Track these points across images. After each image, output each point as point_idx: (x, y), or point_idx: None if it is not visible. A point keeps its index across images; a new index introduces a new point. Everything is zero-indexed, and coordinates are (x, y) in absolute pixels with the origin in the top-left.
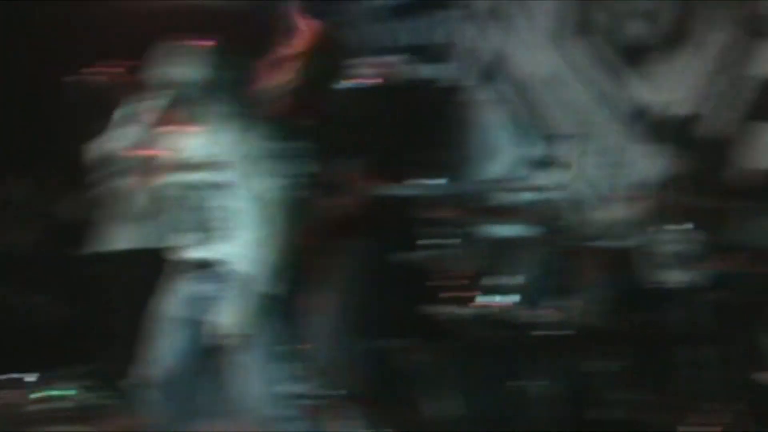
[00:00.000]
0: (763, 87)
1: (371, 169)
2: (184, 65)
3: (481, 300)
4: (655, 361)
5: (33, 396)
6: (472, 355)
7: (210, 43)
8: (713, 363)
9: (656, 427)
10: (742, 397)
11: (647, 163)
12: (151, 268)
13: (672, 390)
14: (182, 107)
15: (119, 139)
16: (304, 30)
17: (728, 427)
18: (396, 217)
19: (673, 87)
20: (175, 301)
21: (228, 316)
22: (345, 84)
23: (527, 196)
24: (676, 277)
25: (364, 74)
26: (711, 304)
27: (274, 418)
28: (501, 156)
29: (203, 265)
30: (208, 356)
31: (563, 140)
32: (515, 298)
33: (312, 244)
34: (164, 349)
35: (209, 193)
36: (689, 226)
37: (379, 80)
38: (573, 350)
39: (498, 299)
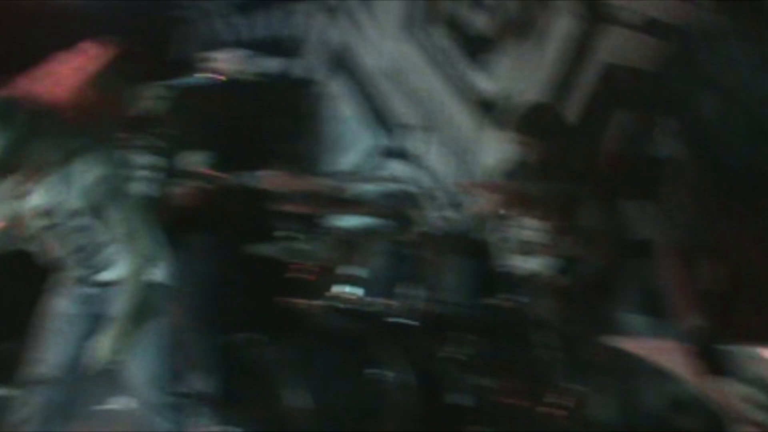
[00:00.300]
0: (608, 73)
1: (220, 162)
2: None
3: (333, 291)
4: (507, 347)
5: None
6: (325, 347)
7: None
8: (562, 346)
9: (511, 411)
10: (587, 378)
11: (496, 152)
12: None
13: (524, 374)
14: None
15: None
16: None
17: (578, 406)
18: (247, 210)
19: (520, 76)
20: (59, 308)
21: (107, 339)
22: (191, 79)
23: (377, 187)
24: (525, 264)
25: (211, 69)
26: (559, 290)
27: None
28: (350, 148)
29: (85, 283)
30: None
31: (411, 131)
32: (366, 288)
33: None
34: (50, 352)
35: (73, 232)
36: (538, 213)
37: (227, 74)
38: (425, 338)
39: (349, 290)
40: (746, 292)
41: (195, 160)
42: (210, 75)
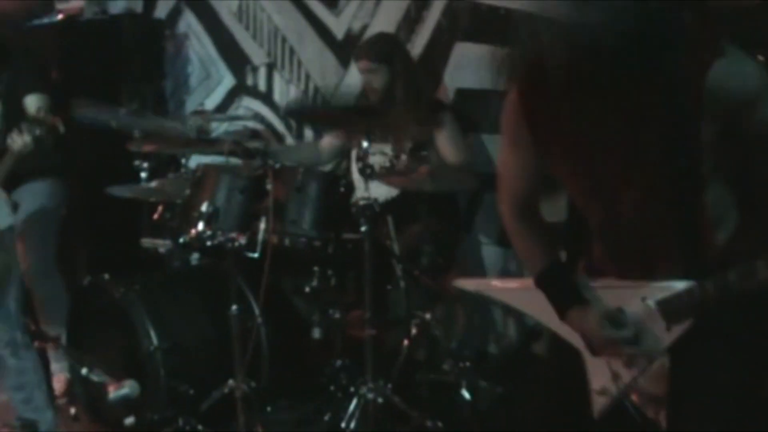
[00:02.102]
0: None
1: (68, 105)
2: None
3: (184, 229)
4: (355, 279)
5: None
6: (178, 285)
7: None
8: (409, 276)
9: (360, 341)
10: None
11: (346, 87)
12: None
13: (373, 305)
14: None
15: None
16: None
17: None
18: (97, 152)
19: (369, 13)
20: None
21: None
22: (33, 21)
23: (228, 126)
24: (374, 194)
25: (53, 10)
26: (409, 219)
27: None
28: (203, 88)
29: None
30: None
31: (259, 69)
32: (216, 224)
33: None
34: None
35: None
36: (386, 141)
37: (79, 14)
38: (275, 272)
39: (200, 227)
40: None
41: (37, 103)
42: (60, 15)
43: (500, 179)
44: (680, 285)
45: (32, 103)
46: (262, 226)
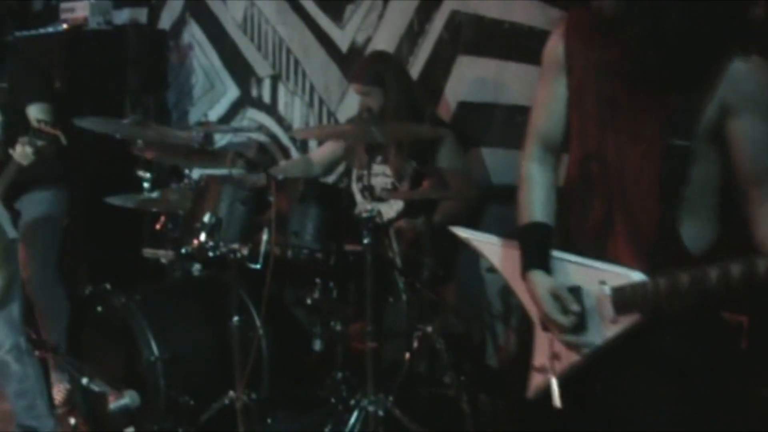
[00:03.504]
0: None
1: (71, 114)
2: None
3: (187, 240)
4: (357, 291)
5: None
6: (180, 296)
7: None
8: (411, 289)
9: (361, 354)
10: (433, 320)
11: (349, 102)
12: None
13: (374, 318)
14: None
15: None
16: None
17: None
18: (100, 161)
19: (372, 26)
20: None
21: None
22: (42, 29)
23: (233, 137)
24: (375, 209)
25: (55, 19)
26: (409, 234)
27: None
28: (207, 99)
29: None
30: None
31: (263, 81)
32: (219, 236)
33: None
34: None
35: None
36: (387, 158)
37: (75, 25)
38: (277, 284)
39: (203, 238)
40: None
41: (40, 113)
42: (64, 25)
43: (530, 118)
44: (638, 276)
45: (35, 112)
46: (265, 237)
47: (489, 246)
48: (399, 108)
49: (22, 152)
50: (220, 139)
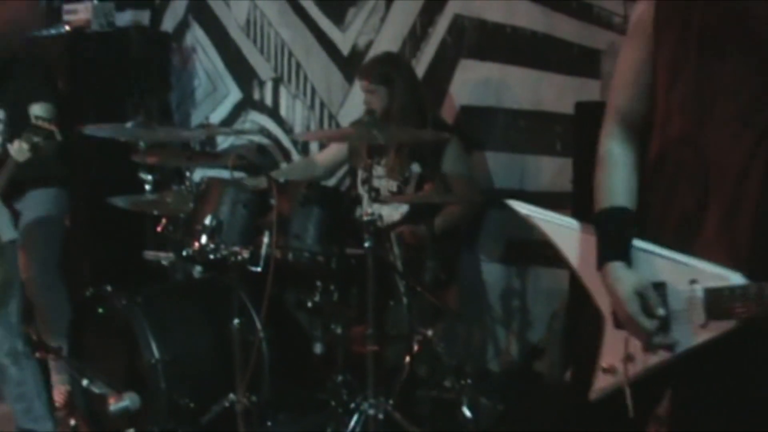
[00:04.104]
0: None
1: (74, 115)
2: None
3: (188, 242)
4: (358, 294)
5: None
6: (181, 298)
7: None
8: (412, 293)
9: (362, 357)
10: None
11: (352, 104)
12: None
13: (375, 321)
14: None
15: None
16: None
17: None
18: (102, 162)
19: (375, 29)
20: None
21: None
22: (44, 30)
23: (234, 139)
24: (377, 212)
25: (57, 21)
26: (411, 237)
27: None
28: (209, 101)
29: None
30: None
31: (265, 84)
32: (220, 238)
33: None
34: None
35: None
36: (390, 161)
37: (77, 26)
38: (278, 287)
39: (204, 241)
40: None
41: (43, 111)
42: (66, 27)
43: (612, 89)
44: (737, 278)
45: (38, 111)
46: (266, 240)
47: (555, 226)
48: (405, 110)
49: (18, 148)
50: (222, 142)
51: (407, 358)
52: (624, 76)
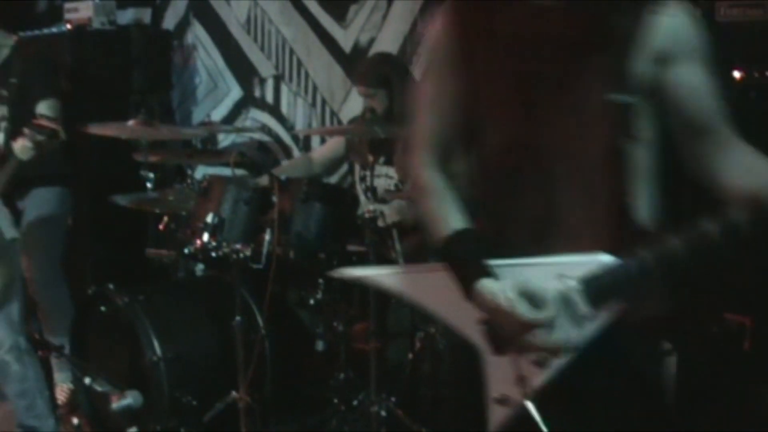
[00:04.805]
0: None
1: (76, 113)
2: None
3: (190, 240)
4: (360, 292)
5: None
6: (183, 296)
7: None
8: None
9: (364, 354)
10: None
11: (353, 102)
12: None
13: (377, 318)
14: None
15: None
16: None
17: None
18: (104, 161)
19: (376, 26)
20: None
21: None
22: (46, 29)
23: (235, 137)
24: (378, 209)
25: (59, 20)
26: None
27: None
28: (211, 98)
29: None
30: None
31: (266, 81)
32: (222, 236)
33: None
34: None
35: None
36: (391, 159)
37: (78, 25)
38: (280, 284)
39: (206, 238)
40: None
41: (49, 109)
42: (68, 25)
43: (416, 121)
44: (604, 259)
45: (43, 109)
46: (267, 237)
47: (391, 278)
48: (405, 109)
49: (21, 147)
50: (223, 140)
51: (410, 356)
52: (429, 102)
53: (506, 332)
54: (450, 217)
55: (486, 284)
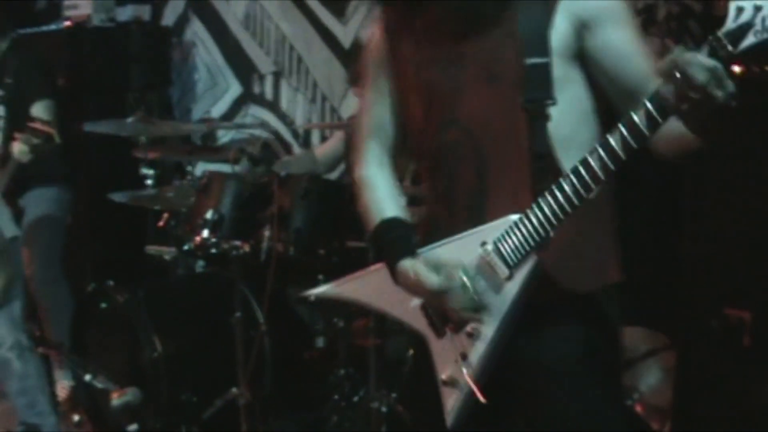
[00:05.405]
0: None
1: (73, 111)
2: None
3: (189, 236)
4: None
5: None
6: (182, 292)
7: None
8: None
9: (363, 350)
10: None
11: (352, 98)
12: None
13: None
14: None
15: None
16: None
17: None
18: (103, 159)
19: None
20: None
21: None
22: (44, 27)
23: (235, 133)
24: None
25: (58, 17)
26: None
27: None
28: (210, 95)
29: None
30: None
31: (265, 77)
32: (221, 232)
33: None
34: None
35: None
36: None
37: (78, 22)
38: (279, 280)
39: (205, 235)
40: None
41: (45, 110)
42: (67, 22)
43: (359, 119)
44: (514, 218)
45: (39, 109)
46: (267, 234)
47: (348, 286)
48: None
49: (19, 150)
50: (223, 136)
51: (410, 351)
52: (370, 104)
53: (435, 309)
54: (381, 207)
55: (409, 264)
